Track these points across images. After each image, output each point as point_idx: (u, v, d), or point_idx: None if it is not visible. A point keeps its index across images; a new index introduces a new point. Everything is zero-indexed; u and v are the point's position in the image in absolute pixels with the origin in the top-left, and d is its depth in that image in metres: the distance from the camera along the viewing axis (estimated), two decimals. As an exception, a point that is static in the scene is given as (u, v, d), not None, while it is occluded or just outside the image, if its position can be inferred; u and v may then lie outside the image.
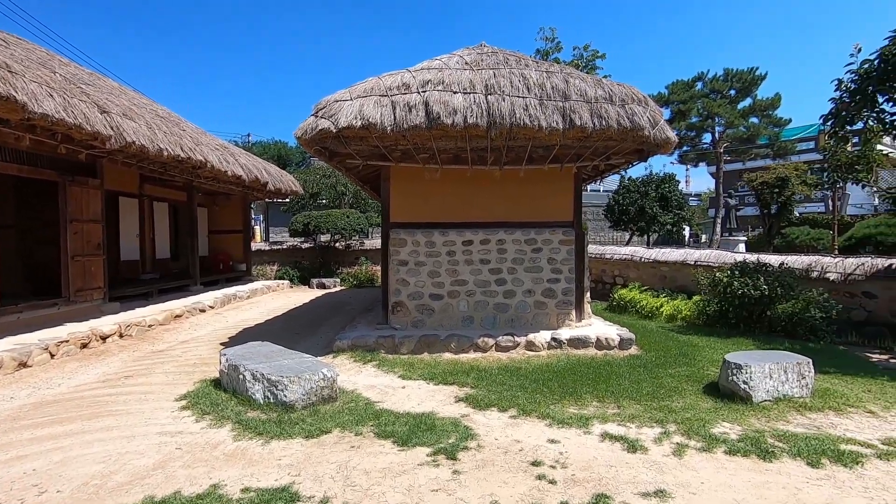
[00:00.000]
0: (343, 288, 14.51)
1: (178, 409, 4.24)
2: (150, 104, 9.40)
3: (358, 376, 5.21)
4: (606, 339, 5.96)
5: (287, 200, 17.89)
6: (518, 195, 6.52)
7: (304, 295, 12.76)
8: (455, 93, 5.21)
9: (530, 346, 5.97)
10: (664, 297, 8.82)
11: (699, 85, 24.42)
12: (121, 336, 6.80)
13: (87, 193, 7.46)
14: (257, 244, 17.17)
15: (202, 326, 8.15)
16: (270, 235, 25.45)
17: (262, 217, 26.11)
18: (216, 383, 4.78)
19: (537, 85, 5.30)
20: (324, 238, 16.24)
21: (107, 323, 6.86)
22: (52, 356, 5.62)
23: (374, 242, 16.62)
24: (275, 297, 12.10)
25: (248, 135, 37.38)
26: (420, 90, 5.27)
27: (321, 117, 5.26)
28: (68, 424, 3.93)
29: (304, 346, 6.40)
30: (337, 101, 5.32)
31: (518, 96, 5.17)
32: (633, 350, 6.02)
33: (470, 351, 5.96)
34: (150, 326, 7.46)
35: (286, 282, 14.47)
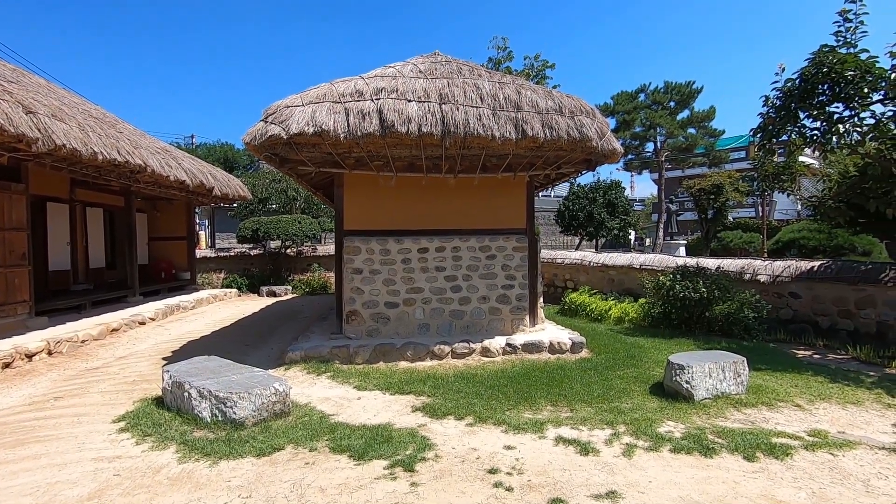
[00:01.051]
0: (295, 295, 14.13)
1: (115, 431, 3.98)
2: (82, 103, 8.80)
3: (312, 388, 5.08)
4: (559, 343, 6.12)
5: (234, 205, 17.25)
6: (472, 203, 6.59)
7: (253, 304, 12.32)
8: (409, 101, 5.21)
9: (486, 352, 6.04)
10: (612, 300, 9.17)
11: (642, 96, 25.69)
12: (49, 353, 6.31)
13: (10, 199, 6.88)
14: (203, 251, 16.40)
15: (142, 340, 7.70)
16: (217, 242, 24.43)
17: (207, 222, 25.00)
18: (159, 402, 4.52)
19: (490, 95, 5.39)
20: (274, 244, 15.76)
21: (33, 339, 6.34)
22: (-31, 378, 5.13)
23: (328, 248, 16.29)
24: (222, 307, 11.61)
25: (192, 136, 35.78)
26: (374, 97, 5.23)
27: (271, 123, 5.12)
28: (-11, 454, 3.60)
29: (255, 358, 6.18)
30: (288, 107, 5.20)
31: (472, 106, 5.24)
32: (585, 353, 6.21)
33: (426, 359, 5.96)
34: (83, 342, 6.96)
35: (234, 290, 13.92)
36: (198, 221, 18.83)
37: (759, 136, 6.83)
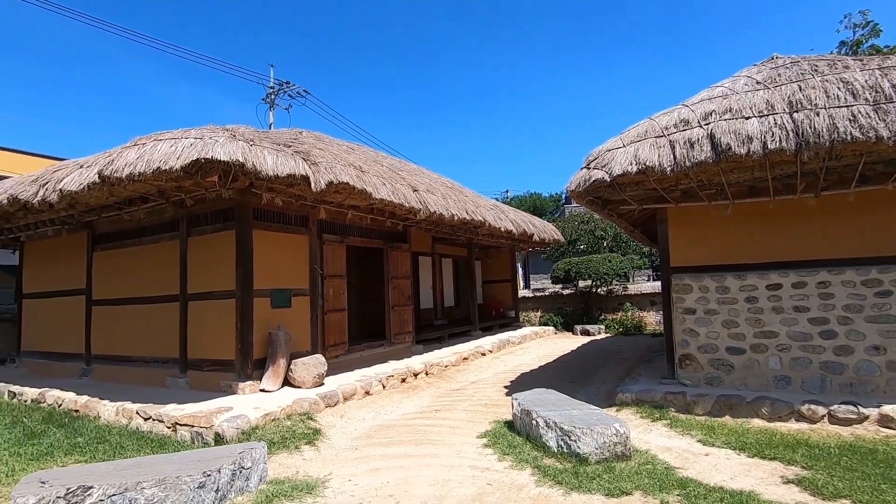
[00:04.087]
0: (608, 335, 14.00)
1: (480, 445, 4.71)
2: (439, 178, 11.38)
3: (648, 435, 4.84)
4: None
5: (547, 248, 18.68)
6: (842, 225, 5.21)
7: (569, 342, 12.82)
8: (748, 118, 4.61)
9: (887, 421, 4.50)
10: None
11: None
12: (426, 374, 8.08)
13: (401, 256, 9.38)
14: (521, 291, 18.28)
15: (485, 369, 9.00)
16: (531, 283, 26.80)
17: (521, 265, 27.89)
18: (509, 425, 5.14)
19: (868, 87, 4.24)
20: (584, 283, 16.19)
21: (416, 362, 8.27)
22: (384, 388, 7.05)
23: (638, 287, 15.66)
24: (542, 344, 12.52)
25: (507, 191, 41.02)
26: (702, 123, 4.86)
27: (594, 168, 5.37)
28: (403, 447, 4.80)
29: (583, 395, 6.35)
30: (609, 150, 5.37)
31: (840, 106, 4.23)
32: None
33: (789, 419, 4.87)
34: (445, 367, 8.65)
35: (550, 328, 14.84)
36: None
37: None
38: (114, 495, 3.14)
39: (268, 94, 22.36)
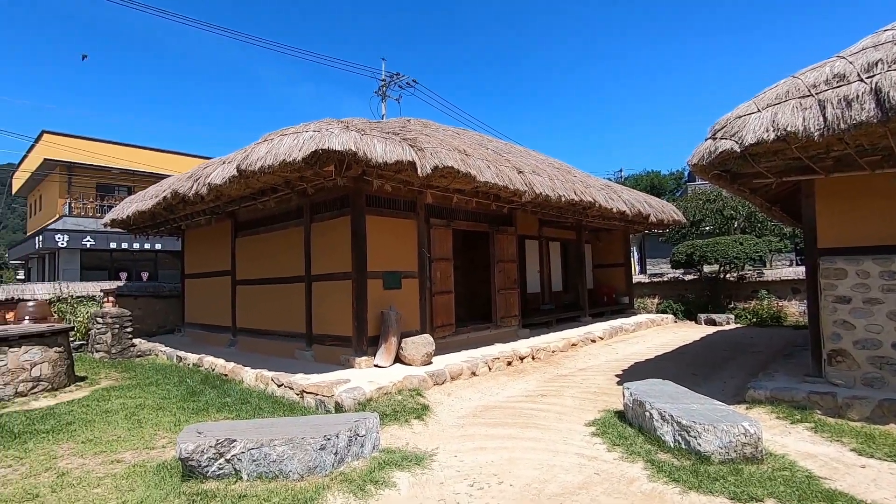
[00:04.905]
0: (738, 326, 12.62)
1: (588, 434, 4.55)
2: (546, 159, 11.04)
3: (785, 438, 4.28)
4: None
5: (666, 231, 17.26)
6: None
7: (691, 331, 11.78)
8: (928, 66, 3.76)
9: None
10: None
11: None
12: (532, 358, 7.99)
13: (507, 239, 9.32)
14: (636, 277, 17.15)
15: (595, 356, 8.64)
16: (647, 267, 25.05)
17: (635, 249, 26.12)
18: (620, 415, 4.89)
19: None
20: (709, 268, 14.69)
21: (523, 346, 8.21)
22: (490, 369, 7.11)
23: (777, 273, 13.81)
24: (659, 332, 11.67)
25: (620, 170, 38.53)
26: (864, 76, 4.07)
27: (721, 138, 4.79)
28: (508, 429, 4.81)
29: (706, 390, 5.79)
30: (739, 118, 4.74)
31: None
32: None
33: (983, 434, 3.97)
34: (552, 352, 8.47)
35: (669, 316, 13.77)
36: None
37: None
38: (252, 449, 3.59)
39: (380, 86, 23.44)
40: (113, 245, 20.98)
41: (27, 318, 9.69)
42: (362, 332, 6.67)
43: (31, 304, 10.08)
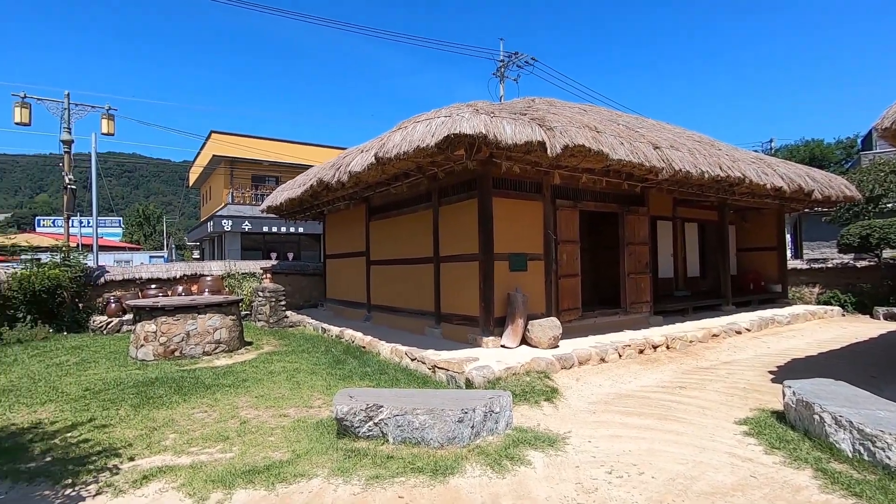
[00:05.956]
0: (934, 323, 10.43)
1: (740, 433, 4.15)
2: (684, 132, 10.05)
3: None
4: None
5: (832, 210, 14.79)
6: None
7: (865, 327, 10.03)
8: None
9: None
10: None
11: None
12: (667, 348, 7.47)
13: (638, 220, 8.75)
14: (790, 262, 14.99)
15: (741, 349, 7.81)
16: (805, 252, 21.77)
17: (789, 231, 22.73)
18: (778, 416, 4.38)
19: None
20: (890, 253, 12.30)
21: (655, 334, 7.71)
22: (620, 356, 6.81)
23: None
24: (822, 326, 10.13)
25: (771, 140, 33.61)
26: None
27: (926, 95, 3.94)
28: (644, 419, 4.59)
29: (889, 395, 4.93)
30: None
31: None
32: None
33: None
34: (690, 342, 7.82)
35: (835, 308, 11.85)
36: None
37: None
38: (397, 415, 3.90)
39: (498, 67, 23.22)
40: (265, 229, 23.91)
41: (206, 290, 11.53)
42: (489, 313, 6.80)
43: (209, 278, 11.97)
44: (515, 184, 7.26)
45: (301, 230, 24.13)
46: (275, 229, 24.10)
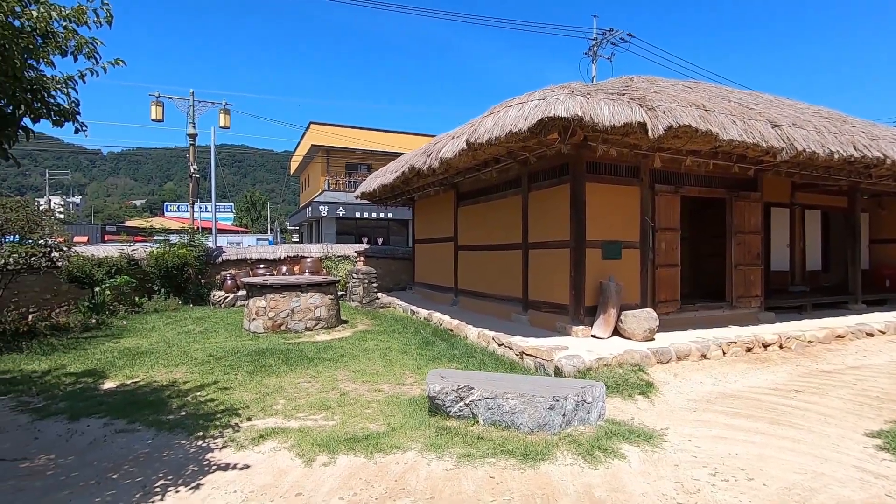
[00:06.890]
0: None
1: (872, 446, 3.70)
2: (808, 108, 8.91)
3: None
4: None
5: None
6: None
7: None
8: None
9: None
10: None
11: None
12: (780, 347, 6.79)
13: (749, 207, 7.98)
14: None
15: (872, 353, 6.89)
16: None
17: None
18: (922, 432, 3.83)
19: None
20: None
21: (767, 331, 7.04)
22: (724, 354, 6.31)
23: None
24: (983, 333, 8.59)
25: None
26: None
27: None
28: (753, 422, 4.24)
29: None
30: None
31: None
32: None
33: None
34: (808, 342, 7.04)
35: None
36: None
37: None
38: (487, 398, 3.96)
39: (590, 46, 22.15)
40: (357, 214, 25.13)
41: (307, 270, 12.42)
42: (579, 302, 6.62)
43: (308, 260, 12.87)
44: (610, 168, 6.93)
45: (390, 216, 25.04)
46: (366, 214, 25.23)
